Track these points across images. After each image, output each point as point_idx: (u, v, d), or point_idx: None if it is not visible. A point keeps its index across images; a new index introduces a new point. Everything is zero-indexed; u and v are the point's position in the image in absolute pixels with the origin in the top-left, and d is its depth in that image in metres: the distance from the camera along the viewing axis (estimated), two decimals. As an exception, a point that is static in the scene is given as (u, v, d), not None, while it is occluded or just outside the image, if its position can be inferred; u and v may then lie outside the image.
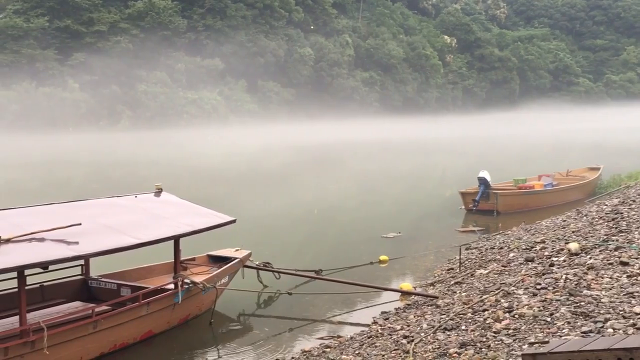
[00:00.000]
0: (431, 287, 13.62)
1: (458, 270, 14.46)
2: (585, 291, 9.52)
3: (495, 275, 12.39)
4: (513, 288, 10.64)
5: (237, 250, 14.25)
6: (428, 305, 11.62)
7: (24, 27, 79.76)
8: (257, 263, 14.37)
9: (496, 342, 8.27)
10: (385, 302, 13.03)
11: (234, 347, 11.07)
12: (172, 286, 11.55)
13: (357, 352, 9.44)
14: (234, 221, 12.74)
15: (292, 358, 9.91)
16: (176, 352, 10.91)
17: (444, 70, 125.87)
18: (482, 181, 24.17)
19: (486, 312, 9.70)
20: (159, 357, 10.67)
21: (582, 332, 7.94)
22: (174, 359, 10.67)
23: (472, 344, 8.41)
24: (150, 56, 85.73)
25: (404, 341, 9.32)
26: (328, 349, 10.03)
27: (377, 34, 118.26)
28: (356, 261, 16.50)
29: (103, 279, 12.41)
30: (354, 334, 10.87)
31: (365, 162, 50.06)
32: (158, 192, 13.28)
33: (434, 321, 10.07)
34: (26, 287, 9.74)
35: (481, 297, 10.74)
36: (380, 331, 10.42)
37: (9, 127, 71.14)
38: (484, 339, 8.49)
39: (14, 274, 9.29)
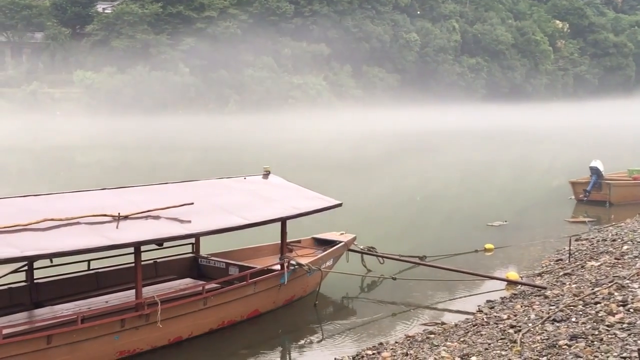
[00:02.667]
0: (539, 277, 13.30)
1: (567, 262, 14.07)
2: None
3: (608, 268, 12.00)
4: (627, 281, 10.28)
5: (342, 234, 14.34)
6: (536, 296, 11.37)
7: (139, 13, 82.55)
8: (361, 247, 14.42)
9: (609, 336, 8.01)
10: (490, 291, 12.83)
11: (337, 329, 11.17)
12: (278, 267, 11.74)
13: (462, 339, 9.35)
14: (340, 205, 12.83)
15: (396, 343, 9.90)
16: (281, 331, 11.12)
17: (554, 56, 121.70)
18: (595, 171, 23.35)
19: (598, 305, 9.40)
20: (265, 336, 10.89)
21: (703, 330, 7.60)
22: (279, 339, 10.89)
23: (583, 336, 8.18)
24: (257, 41, 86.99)
25: (511, 330, 9.17)
26: (432, 335, 9.97)
27: (485, 19, 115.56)
28: (460, 248, 16.31)
29: (212, 258, 12.77)
30: (458, 322, 10.78)
31: (470, 149, 49.24)
32: (266, 174, 13.50)
33: (543, 312, 9.85)
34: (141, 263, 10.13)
35: (593, 289, 10.42)
36: (485, 320, 10.28)
37: (124, 110, 74.03)
38: (596, 332, 8.25)
39: (131, 250, 9.68)
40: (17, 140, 52.78)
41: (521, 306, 10.74)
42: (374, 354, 9.26)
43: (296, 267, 11.79)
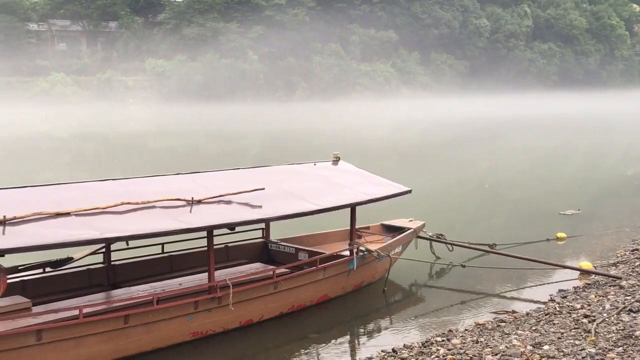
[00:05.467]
0: (613, 267, 13.01)
1: (644, 252, 13.72)
2: None
3: (686, 259, 11.65)
4: None
5: (410, 220, 14.31)
6: (610, 286, 11.13)
7: (209, 1, 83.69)
8: (430, 234, 14.34)
9: (688, 328, 7.81)
10: (563, 281, 12.61)
11: (406, 315, 11.16)
12: (347, 253, 11.78)
13: (533, 328, 9.24)
14: (409, 191, 12.78)
15: (466, 330, 9.84)
16: (350, 317, 11.18)
17: (631, 41, 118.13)
18: (673, 159, 22.67)
19: (677, 296, 9.16)
20: (334, 321, 10.97)
21: None
22: (348, 324, 10.94)
23: (660, 327, 8.00)
24: (325, 28, 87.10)
25: (585, 320, 9.02)
26: (503, 324, 9.87)
27: (558, 3, 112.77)
28: (531, 237, 16.08)
29: (282, 243, 12.90)
30: (529, 311, 10.63)
31: (541, 137, 48.29)
32: (336, 160, 13.54)
33: (618, 302, 9.65)
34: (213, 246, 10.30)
35: (671, 280, 10.14)
36: (558, 309, 10.13)
37: (194, 97, 75.28)
38: (674, 324, 8.05)
39: (203, 233, 9.87)
40: (92, 127, 54.34)
41: (595, 296, 10.54)
42: (443, 340, 9.23)
43: (365, 253, 11.81)
